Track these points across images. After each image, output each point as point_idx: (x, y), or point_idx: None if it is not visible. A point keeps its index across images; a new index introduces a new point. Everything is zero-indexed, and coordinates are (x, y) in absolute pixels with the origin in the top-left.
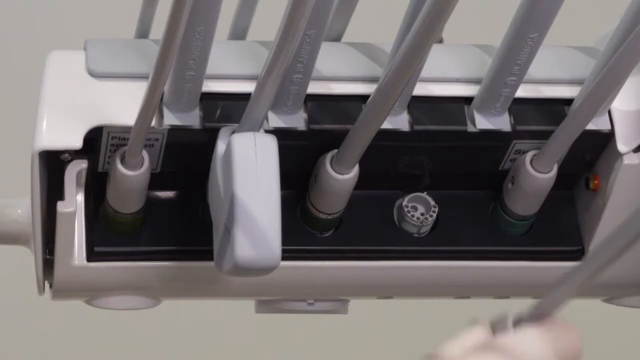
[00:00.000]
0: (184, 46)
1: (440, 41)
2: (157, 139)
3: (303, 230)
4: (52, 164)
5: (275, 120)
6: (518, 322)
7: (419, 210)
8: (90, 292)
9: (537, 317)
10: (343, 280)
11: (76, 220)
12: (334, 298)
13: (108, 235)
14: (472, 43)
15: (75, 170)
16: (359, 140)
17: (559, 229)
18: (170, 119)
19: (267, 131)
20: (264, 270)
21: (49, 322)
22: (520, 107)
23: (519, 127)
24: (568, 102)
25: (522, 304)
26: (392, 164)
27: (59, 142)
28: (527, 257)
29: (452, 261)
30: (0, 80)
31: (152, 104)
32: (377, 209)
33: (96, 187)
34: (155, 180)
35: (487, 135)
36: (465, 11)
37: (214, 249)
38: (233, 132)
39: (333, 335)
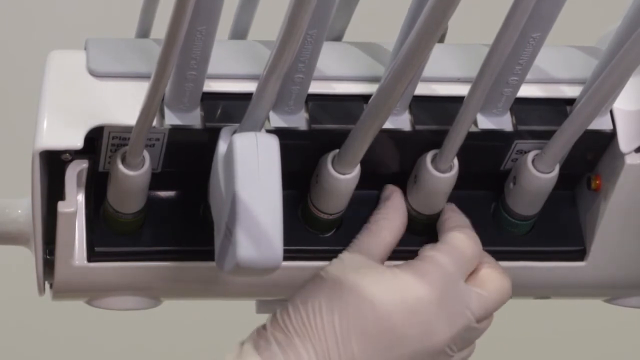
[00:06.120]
0: (186, 46)
1: (444, 33)
2: (158, 139)
3: (304, 231)
4: (53, 164)
5: (277, 120)
6: None
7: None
8: (91, 292)
9: None
10: None
11: (77, 220)
12: None
13: (109, 235)
14: (473, 42)
15: (75, 170)
16: (361, 140)
17: (560, 229)
18: (172, 118)
19: (268, 131)
20: (266, 270)
21: (49, 322)
22: (522, 107)
23: (521, 127)
24: (570, 101)
25: (523, 304)
26: (393, 164)
27: (59, 142)
28: (529, 257)
29: None
30: (0, 80)
31: (154, 104)
32: None
33: (97, 187)
34: (156, 180)
35: (488, 135)
36: (467, 10)
37: (215, 249)
38: (234, 132)
39: None
